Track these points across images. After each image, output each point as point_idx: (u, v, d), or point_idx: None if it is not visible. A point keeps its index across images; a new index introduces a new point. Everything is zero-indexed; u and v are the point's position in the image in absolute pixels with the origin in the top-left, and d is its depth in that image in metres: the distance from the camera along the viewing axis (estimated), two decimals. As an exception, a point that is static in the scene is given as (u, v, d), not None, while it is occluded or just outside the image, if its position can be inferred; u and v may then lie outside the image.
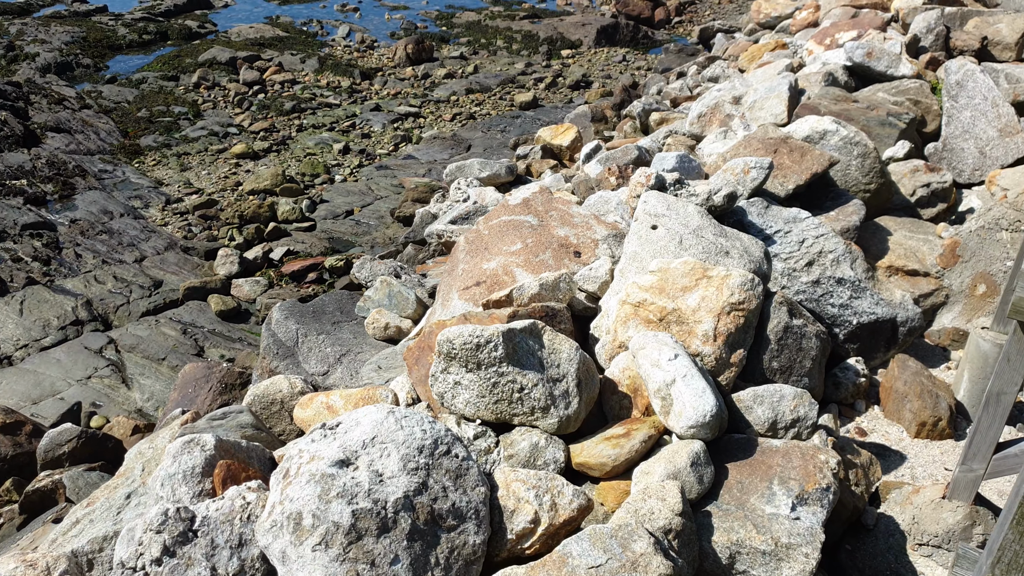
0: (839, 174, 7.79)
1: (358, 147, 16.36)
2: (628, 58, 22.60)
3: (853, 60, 10.54)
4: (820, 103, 9.14)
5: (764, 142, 7.41)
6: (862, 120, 8.89)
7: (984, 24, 13.40)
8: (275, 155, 15.99)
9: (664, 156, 7.18)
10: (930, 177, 8.39)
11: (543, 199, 7.07)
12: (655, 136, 11.16)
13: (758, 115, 9.62)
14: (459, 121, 17.73)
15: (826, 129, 7.86)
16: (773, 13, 17.57)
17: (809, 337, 5.72)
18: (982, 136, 9.54)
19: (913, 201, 8.36)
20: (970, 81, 9.69)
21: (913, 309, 6.53)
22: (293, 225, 13.11)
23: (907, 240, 7.50)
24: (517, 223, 6.76)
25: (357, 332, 7.11)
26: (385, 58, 22.32)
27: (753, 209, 6.68)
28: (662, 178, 6.40)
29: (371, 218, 13.27)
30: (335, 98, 19.05)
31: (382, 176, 14.90)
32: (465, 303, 6.12)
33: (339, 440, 3.52)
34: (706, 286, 4.86)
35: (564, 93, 19.80)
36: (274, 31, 23.94)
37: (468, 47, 23.42)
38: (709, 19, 26.55)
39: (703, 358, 4.68)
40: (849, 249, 6.56)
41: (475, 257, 6.56)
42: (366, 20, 26.31)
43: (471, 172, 11.22)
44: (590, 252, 6.44)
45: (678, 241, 5.61)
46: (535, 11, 26.86)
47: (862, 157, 7.72)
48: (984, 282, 6.94)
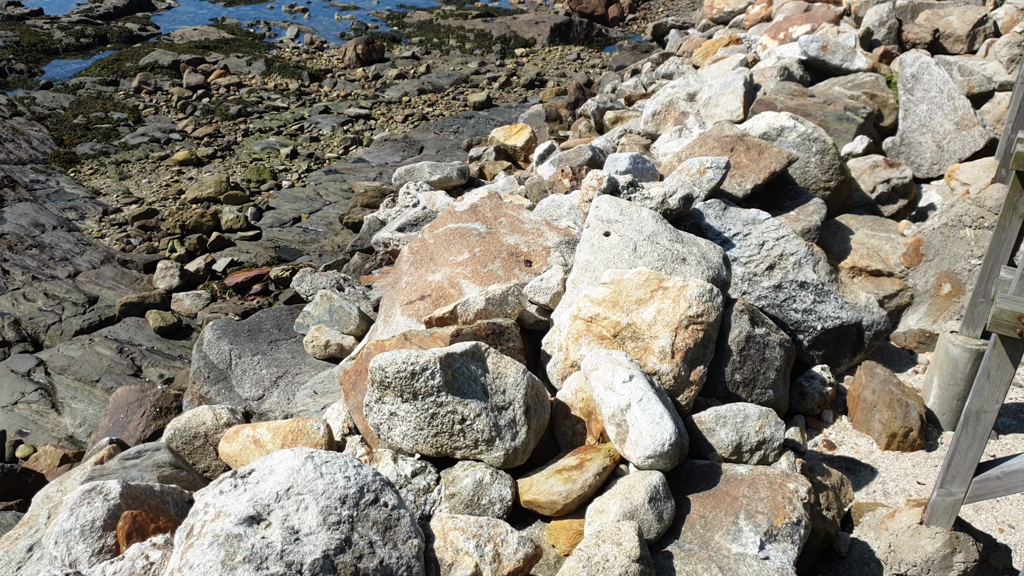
0: (798, 172, 7.50)
1: (306, 151, 15.81)
2: (583, 56, 22.28)
3: (808, 54, 10.29)
4: (776, 98, 8.86)
5: (720, 140, 7.08)
6: (819, 115, 8.63)
7: (935, 17, 13.28)
8: (220, 161, 15.37)
9: (617, 157, 6.82)
10: (890, 173, 8.14)
11: (492, 205, 6.67)
12: (610, 135, 10.82)
13: (713, 112, 9.32)
14: (411, 122, 17.25)
15: (783, 125, 7.56)
16: (726, 8, 17.36)
17: (772, 347, 5.39)
18: (939, 130, 9.34)
19: (874, 198, 8.10)
20: (925, 74, 9.49)
21: (879, 312, 6.25)
22: (238, 234, 12.54)
23: (869, 239, 7.23)
24: (464, 231, 6.34)
25: (296, 351, 6.64)
26: (335, 59, 21.73)
27: (711, 211, 6.34)
28: (615, 181, 6.03)
29: (319, 225, 12.75)
30: (283, 101, 18.45)
31: (331, 181, 14.38)
32: (408, 319, 5.69)
33: (249, 492, 3.08)
34: (662, 298, 4.49)
35: (519, 92, 19.41)
36: (219, 33, 23.21)
37: (420, 47, 22.93)
38: (662, 15, 26.35)
39: (661, 377, 4.31)
40: (811, 251, 6.25)
41: (419, 268, 6.14)
42: (315, 21, 25.67)
43: (421, 175, 10.78)
44: (542, 261, 6.05)
45: (632, 248, 5.24)
46: (488, 10, 26.43)
47: (821, 154, 7.43)
48: (949, 281, 6.69)
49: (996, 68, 11.01)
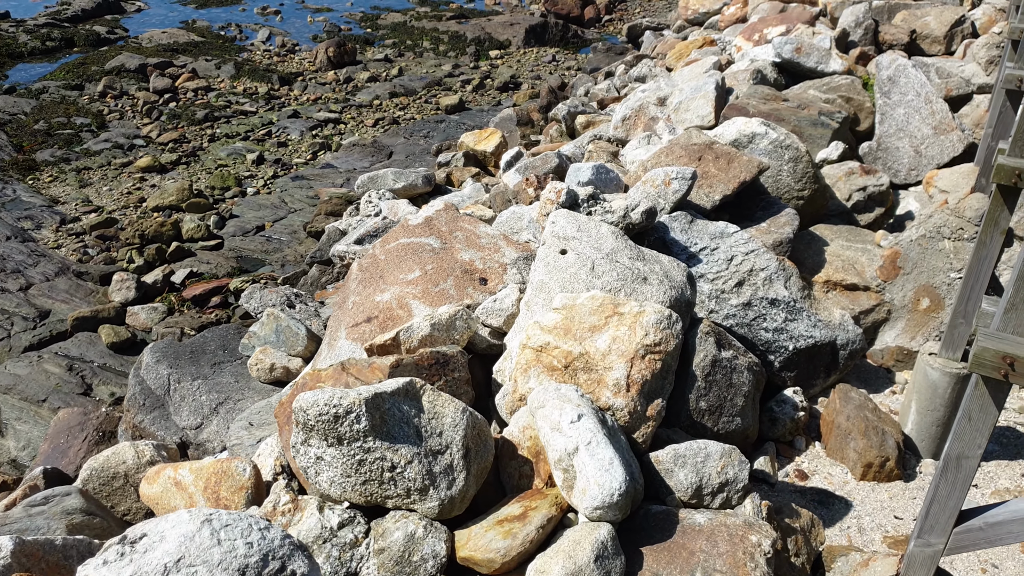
0: (770, 180, 7.16)
1: (273, 156, 15.36)
2: (558, 58, 21.93)
3: (782, 56, 9.97)
4: (749, 103, 8.53)
5: (688, 149, 6.73)
6: (793, 120, 8.30)
7: (912, 17, 13.01)
8: (184, 168, 14.89)
9: (579, 168, 6.45)
10: (866, 180, 7.82)
11: (448, 218, 6.28)
12: (579, 141, 10.46)
13: (684, 117, 8.97)
14: (382, 127, 16.82)
15: (755, 132, 7.22)
16: (701, 9, 17.05)
17: (740, 371, 5.04)
18: (917, 134, 9.03)
19: (849, 206, 7.78)
20: (902, 77, 9.18)
21: (854, 330, 5.91)
22: (199, 244, 12.08)
23: (845, 251, 6.89)
24: (417, 246, 5.95)
25: (241, 374, 6.23)
26: (306, 62, 21.26)
27: (676, 224, 5.98)
28: (574, 194, 5.65)
29: (283, 233, 12.32)
30: (251, 105, 17.97)
31: (297, 187, 13.94)
32: (352, 344, 5.29)
33: (135, 564, 2.68)
34: (617, 324, 4.12)
35: (492, 95, 19.03)
36: (189, 36, 22.69)
37: (393, 49, 22.50)
38: (639, 16, 26.06)
39: (615, 412, 3.93)
40: (782, 266, 5.91)
41: (368, 287, 5.74)
42: (287, 23, 25.18)
43: (384, 183, 10.37)
44: (498, 278, 5.67)
45: (590, 268, 4.87)
46: (463, 11, 26.04)
47: (794, 161, 7.09)
48: (928, 296, 6.37)
49: (974, 70, 10.73)
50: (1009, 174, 4.27)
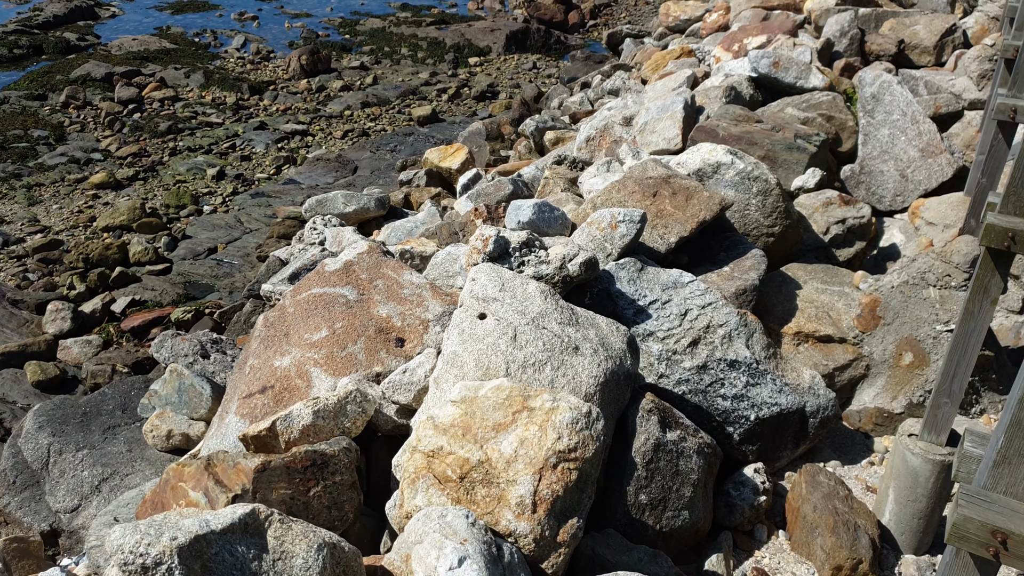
0: (737, 215, 6.40)
1: (235, 171, 14.58)
2: (539, 65, 21.16)
3: (758, 71, 9.20)
4: (718, 125, 7.76)
5: (642, 183, 5.96)
6: (766, 144, 7.53)
7: (900, 26, 12.26)
8: (141, 184, 14.11)
9: (519, 206, 5.68)
10: (845, 211, 7.06)
11: (370, 262, 5.51)
12: (542, 162, 9.70)
13: (649, 139, 8.21)
14: (350, 139, 16.04)
15: (720, 161, 6.45)
16: (682, 16, 16.29)
17: (689, 455, 4.27)
18: (903, 157, 8.28)
19: (827, 240, 7.02)
20: (887, 94, 8.42)
21: (826, 395, 5.15)
22: (146, 268, 11.31)
23: (819, 295, 6.13)
24: (330, 298, 5.18)
25: (136, 441, 5.46)
26: (280, 70, 20.48)
27: (623, 273, 5.21)
28: (504, 242, 4.88)
29: (236, 256, 11.54)
30: (218, 116, 17.18)
31: (256, 205, 13.16)
32: (241, 421, 4.52)
33: None
34: (527, 423, 3.36)
35: (468, 105, 18.25)
36: (161, 43, 21.88)
37: (370, 56, 21.71)
38: (624, 22, 25.30)
39: (517, 539, 3.17)
40: (744, 321, 5.14)
41: (270, 348, 4.97)
42: (265, 29, 24.38)
43: (334, 207, 9.60)
44: (417, 339, 4.90)
45: (511, 337, 4.10)
46: (443, 16, 25.25)
47: (763, 195, 6.33)
48: (911, 350, 5.60)
49: (965, 84, 9.98)
50: (1000, 236, 3.51)
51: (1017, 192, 3.48)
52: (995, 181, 5.25)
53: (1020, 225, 3.48)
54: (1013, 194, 3.50)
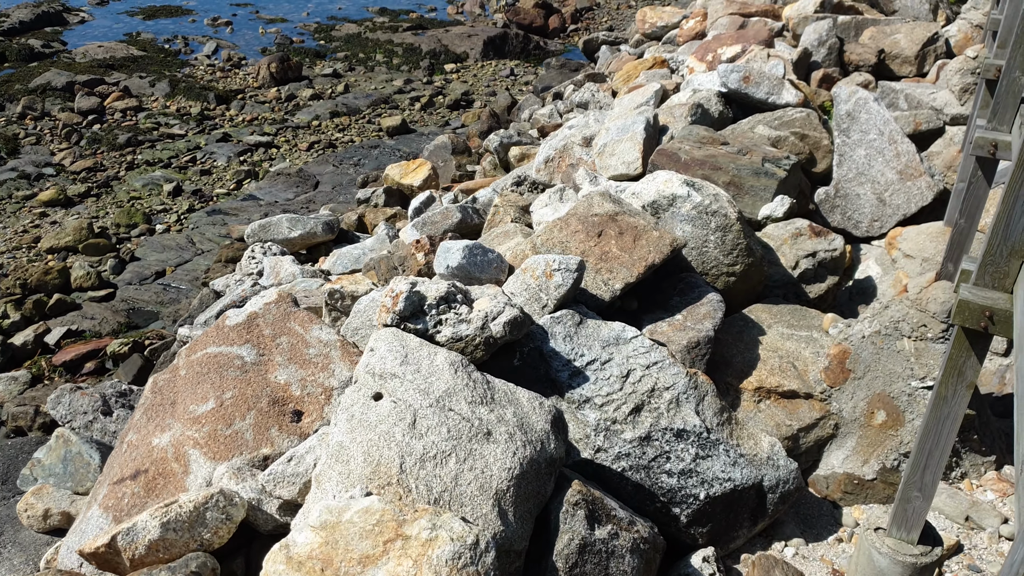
0: (694, 252, 5.78)
1: (193, 186, 13.91)
2: (516, 72, 20.51)
3: (728, 86, 8.59)
4: (681, 147, 7.14)
5: (586, 221, 5.33)
6: (731, 169, 6.92)
7: (880, 35, 11.66)
8: (94, 201, 13.43)
9: (448, 248, 5.05)
10: (816, 244, 6.44)
11: (277, 315, 4.87)
12: (502, 182, 9.08)
13: (609, 163, 7.59)
14: (316, 151, 15.38)
15: (675, 194, 5.83)
16: (659, 23, 15.67)
17: (621, 555, 3.65)
18: (880, 179, 7.68)
19: (796, 275, 6.41)
20: (863, 112, 7.82)
21: (787, 466, 4.53)
22: (88, 294, 10.64)
23: (784, 341, 5.52)
24: (225, 360, 4.54)
25: (11, 520, 4.81)
26: (251, 78, 19.80)
27: (559, 329, 4.59)
28: (418, 297, 4.25)
29: (184, 280, 10.88)
30: (181, 127, 16.49)
31: (211, 224, 12.50)
32: (104, 515, 3.87)
33: None
34: (400, 556, 2.72)
35: (441, 114, 17.59)
36: (128, 50, 21.17)
37: (344, 63, 21.04)
38: (605, 27, 24.69)
39: None
40: (694, 383, 4.52)
41: (152, 420, 4.33)
42: (238, 35, 23.67)
43: (278, 231, 8.96)
44: (317, 412, 4.26)
45: (409, 423, 3.47)
46: (421, 21, 24.58)
47: (722, 231, 5.71)
48: (884, 407, 4.99)
49: (947, 98, 9.38)
50: (976, 315, 2.90)
51: (995, 261, 2.87)
52: (974, 221, 4.65)
53: (999, 302, 2.87)
54: (990, 263, 2.88)
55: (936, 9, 12.32)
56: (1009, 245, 2.83)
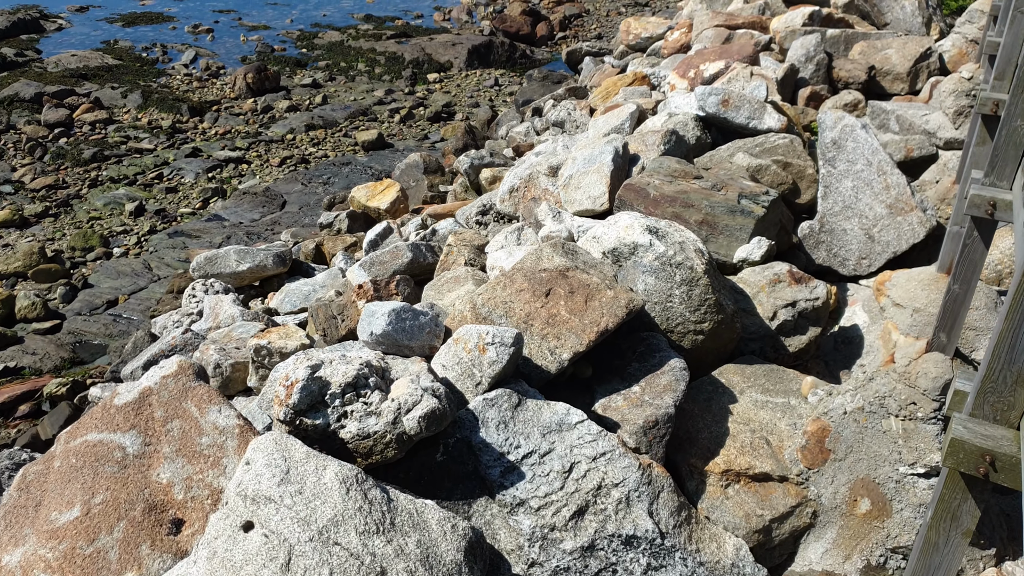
0: (658, 307, 5.12)
1: (158, 205, 13.25)
2: (501, 81, 19.86)
3: (706, 111, 7.94)
4: (650, 182, 6.49)
5: (533, 279, 4.68)
6: (704, 207, 6.27)
7: (871, 49, 11.01)
8: (51, 221, 12.76)
9: (373, 313, 4.39)
10: (796, 292, 5.79)
11: (173, 392, 4.21)
12: (466, 212, 8.43)
13: (574, 196, 6.94)
14: (288, 166, 14.71)
15: (636, 242, 5.18)
16: (644, 34, 15.02)
17: None
18: (868, 214, 7.03)
19: (774, 327, 5.75)
20: (849, 140, 7.17)
21: (754, 574, 3.88)
22: (32, 326, 9.98)
23: (758, 410, 4.87)
24: (104, 451, 3.88)
25: None
26: (228, 88, 19.13)
27: (492, 414, 3.93)
28: (319, 386, 3.59)
29: (136, 311, 10.22)
30: (150, 141, 15.82)
31: (171, 247, 11.84)
32: (-68, 657, 3.22)
33: None
34: None
35: (421, 127, 16.93)
36: (104, 59, 20.49)
37: (325, 72, 20.38)
38: (594, 34, 24.06)
39: None
40: (648, 477, 3.87)
41: (9, 529, 3.67)
42: (219, 43, 23.00)
43: (225, 264, 8.30)
44: (201, 520, 3.61)
45: (283, 563, 2.82)
46: (406, 29, 23.91)
47: (688, 285, 5.05)
48: (868, 494, 4.34)
49: (941, 121, 8.74)
50: (973, 458, 2.26)
51: (996, 389, 2.23)
52: (970, 287, 4.00)
53: (1002, 443, 2.23)
54: (991, 391, 2.25)
55: (929, 22, 11.67)
56: (1015, 370, 2.18)
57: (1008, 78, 5.00)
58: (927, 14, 11.67)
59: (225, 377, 5.74)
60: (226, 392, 5.84)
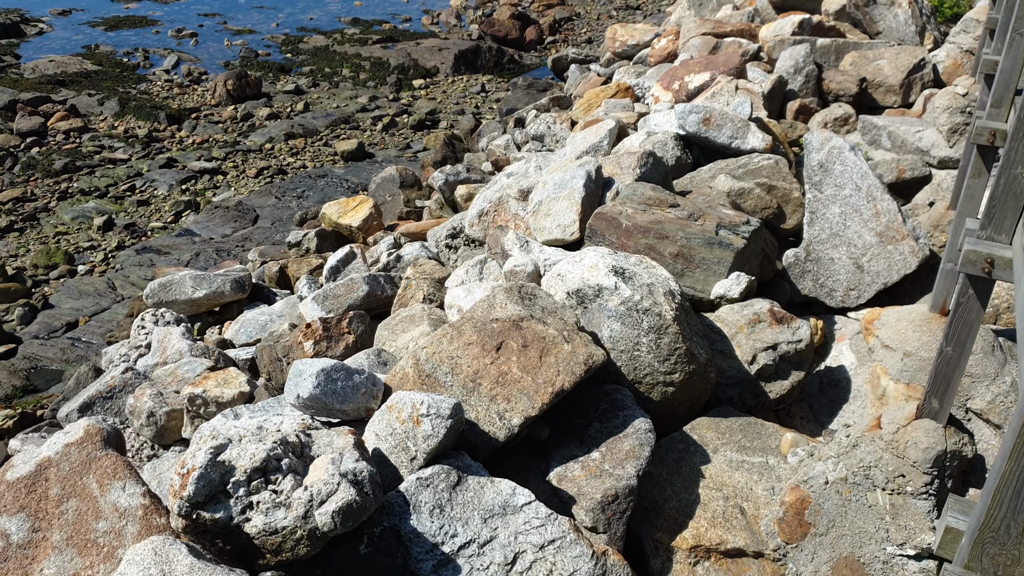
0: (624, 355, 4.65)
1: (128, 219, 12.76)
2: (488, 88, 19.38)
3: (686, 130, 7.47)
4: (622, 211, 6.02)
5: (484, 330, 4.20)
6: (680, 238, 5.79)
7: (863, 60, 10.54)
8: (16, 236, 12.27)
9: (301, 372, 3.91)
10: (777, 333, 5.33)
11: (76, 463, 3.73)
12: (435, 235, 7.96)
13: (543, 224, 6.47)
14: (265, 177, 14.22)
15: (600, 285, 4.71)
16: (630, 41, 14.54)
17: None
18: (857, 242, 6.57)
19: (754, 372, 5.29)
20: (837, 163, 6.70)
21: None
22: (-13, 350, 9.51)
23: (733, 472, 4.40)
24: (-12, 538, 3.41)
25: None
26: (208, 95, 18.63)
27: (426, 496, 3.46)
28: (222, 472, 3.11)
29: (97, 334, 9.73)
30: (125, 151, 15.32)
31: (138, 264, 11.35)
32: None
33: None
34: None
35: (404, 135, 16.44)
36: (83, 65, 19.98)
37: (309, 78, 19.89)
38: (585, 37, 23.59)
39: None
40: (602, 567, 3.40)
41: None
42: (202, 47, 22.49)
43: (181, 291, 7.82)
44: (86, 625, 3.13)
45: None
46: (393, 33, 23.41)
47: (656, 333, 4.58)
48: (852, 575, 3.87)
49: (934, 138, 8.27)
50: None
51: (998, 539, 1.76)
52: (964, 350, 3.53)
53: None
54: (991, 541, 1.80)
55: (923, 31, 11.20)
56: (1021, 520, 1.70)
57: (1006, 106, 4.54)
58: (921, 23, 11.21)
59: (160, 427, 5.26)
60: (162, 442, 5.37)
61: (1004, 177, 3.07)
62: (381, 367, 4.81)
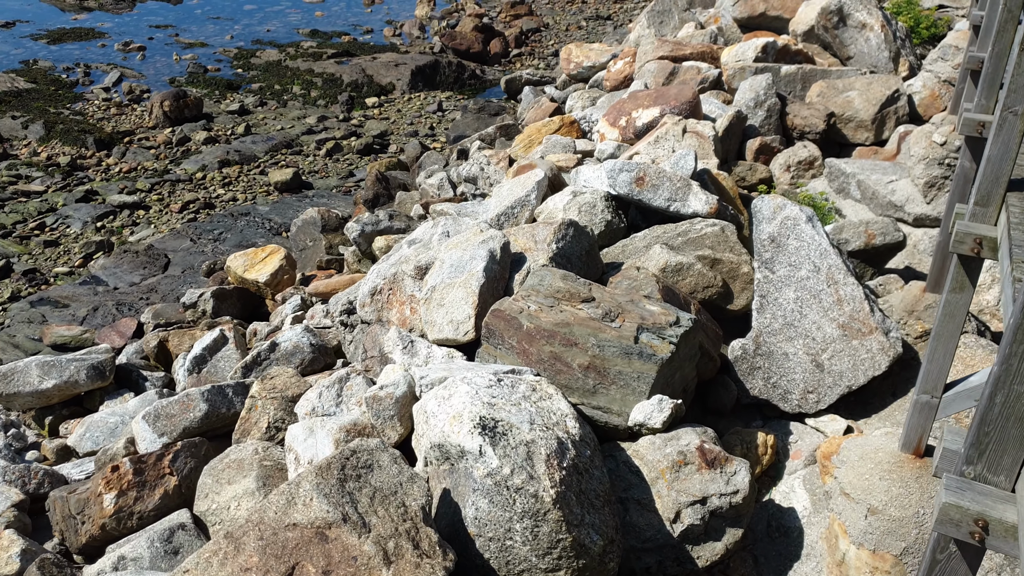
0: (493, 544, 3.41)
1: (31, 263, 11.43)
2: (446, 106, 18.09)
3: (617, 190, 6.24)
4: (525, 307, 4.78)
5: (271, 545, 2.91)
6: (591, 346, 4.56)
7: (831, 91, 9.33)
8: (-99, 284, 10.92)
9: None
10: (708, 482, 4.11)
11: None
12: (336, 302, 6.70)
13: (435, 317, 5.21)
14: (189, 212, 12.90)
15: (463, 448, 3.46)
16: (586, 63, 13.31)
17: None
18: (816, 335, 5.35)
19: (678, 534, 4.06)
20: (791, 237, 5.49)
21: None
22: None
23: None
24: None
25: None
26: (147, 115, 17.27)
27: None
28: None
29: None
30: (43, 181, 13.96)
31: (28, 320, 10.03)
32: None
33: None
34: None
35: (348, 160, 15.13)
36: (14, 83, 18.57)
37: (257, 96, 18.55)
38: (552, 50, 22.33)
39: None
40: None
41: None
42: (150, 62, 21.08)
43: (26, 381, 6.53)
44: None
45: None
46: (349, 47, 22.08)
47: (532, 519, 3.34)
48: None
49: (909, 191, 7.07)
50: None
51: None
52: None
53: None
54: None
55: (897, 57, 10.01)
56: None
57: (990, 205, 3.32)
58: (895, 47, 10.01)
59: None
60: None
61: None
62: (171, 556, 3.54)
